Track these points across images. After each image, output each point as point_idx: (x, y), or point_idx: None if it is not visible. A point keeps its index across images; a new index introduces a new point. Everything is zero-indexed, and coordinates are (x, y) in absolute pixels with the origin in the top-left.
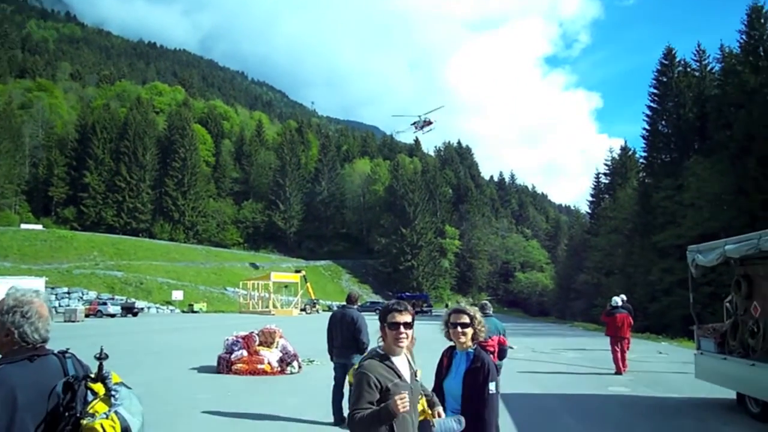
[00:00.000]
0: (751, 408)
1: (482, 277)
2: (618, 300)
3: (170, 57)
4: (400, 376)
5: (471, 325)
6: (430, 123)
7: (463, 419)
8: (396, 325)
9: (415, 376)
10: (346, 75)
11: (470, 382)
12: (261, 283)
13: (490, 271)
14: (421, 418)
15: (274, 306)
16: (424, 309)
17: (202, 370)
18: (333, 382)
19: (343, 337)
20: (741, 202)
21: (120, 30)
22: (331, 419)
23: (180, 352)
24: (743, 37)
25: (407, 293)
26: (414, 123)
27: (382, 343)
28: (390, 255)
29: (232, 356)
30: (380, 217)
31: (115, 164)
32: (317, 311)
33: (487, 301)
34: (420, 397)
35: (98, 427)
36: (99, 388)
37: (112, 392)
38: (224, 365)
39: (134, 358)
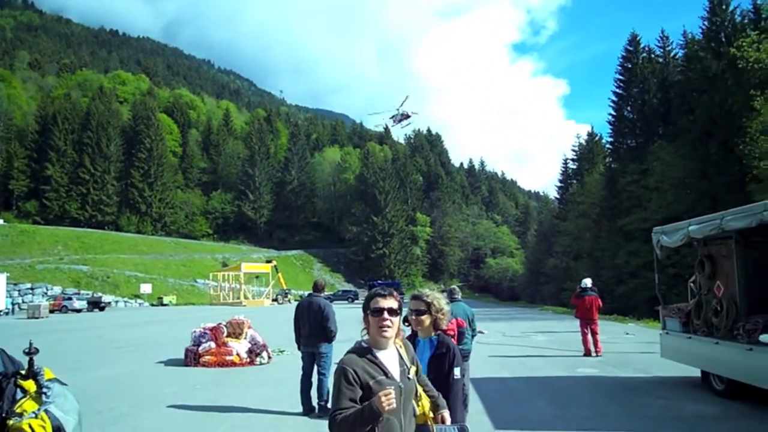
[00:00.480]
0: (715, 385)
1: (453, 263)
2: (588, 282)
3: (133, 45)
4: (386, 373)
5: (428, 312)
6: (408, 116)
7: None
8: (379, 311)
9: (408, 373)
10: (315, 62)
11: (435, 369)
12: (232, 274)
13: (461, 257)
14: (420, 421)
15: (246, 297)
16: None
17: (170, 363)
18: (301, 372)
19: (311, 326)
20: (703, 185)
21: (80, 17)
22: (300, 409)
23: (147, 346)
24: (705, 23)
25: (379, 281)
26: (392, 117)
27: (366, 336)
28: (361, 243)
29: (200, 348)
30: (351, 205)
31: (78, 156)
32: (289, 301)
33: (456, 287)
34: (419, 398)
35: (26, 427)
36: (30, 385)
37: (44, 390)
38: (192, 358)
39: (98, 353)
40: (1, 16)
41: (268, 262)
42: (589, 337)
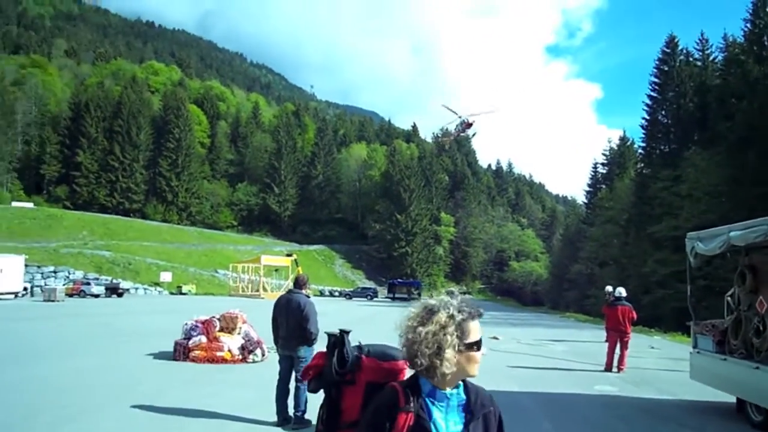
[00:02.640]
0: (752, 416)
1: (476, 265)
2: (622, 291)
3: (168, 37)
4: None
5: None
6: (470, 125)
7: None
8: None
9: None
10: (346, 59)
11: None
12: (251, 266)
13: (484, 259)
14: None
15: (264, 289)
16: (412, 296)
17: (159, 356)
18: (278, 377)
19: (289, 326)
20: (739, 194)
21: (118, 8)
22: (275, 419)
23: (147, 335)
24: (748, 25)
25: (400, 280)
26: (456, 128)
27: None
28: (384, 241)
29: (190, 342)
30: (375, 202)
31: (108, 143)
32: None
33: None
34: None
35: None
36: None
37: None
38: (181, 352)
39: (93, 341)
40: (41, 4)
41: (289, 255)
42: (617, 351)
